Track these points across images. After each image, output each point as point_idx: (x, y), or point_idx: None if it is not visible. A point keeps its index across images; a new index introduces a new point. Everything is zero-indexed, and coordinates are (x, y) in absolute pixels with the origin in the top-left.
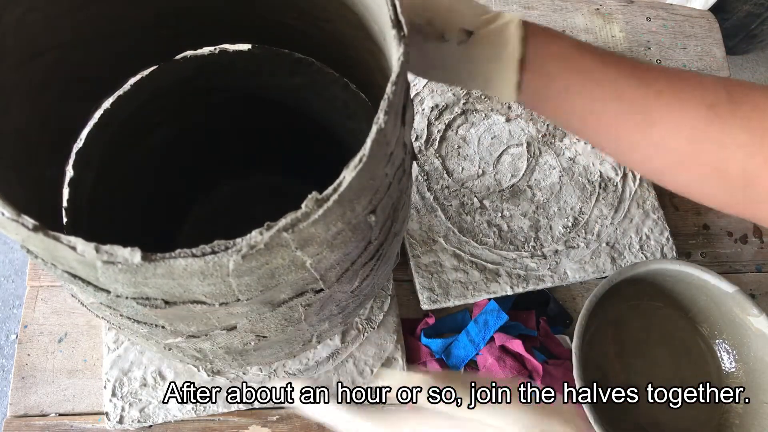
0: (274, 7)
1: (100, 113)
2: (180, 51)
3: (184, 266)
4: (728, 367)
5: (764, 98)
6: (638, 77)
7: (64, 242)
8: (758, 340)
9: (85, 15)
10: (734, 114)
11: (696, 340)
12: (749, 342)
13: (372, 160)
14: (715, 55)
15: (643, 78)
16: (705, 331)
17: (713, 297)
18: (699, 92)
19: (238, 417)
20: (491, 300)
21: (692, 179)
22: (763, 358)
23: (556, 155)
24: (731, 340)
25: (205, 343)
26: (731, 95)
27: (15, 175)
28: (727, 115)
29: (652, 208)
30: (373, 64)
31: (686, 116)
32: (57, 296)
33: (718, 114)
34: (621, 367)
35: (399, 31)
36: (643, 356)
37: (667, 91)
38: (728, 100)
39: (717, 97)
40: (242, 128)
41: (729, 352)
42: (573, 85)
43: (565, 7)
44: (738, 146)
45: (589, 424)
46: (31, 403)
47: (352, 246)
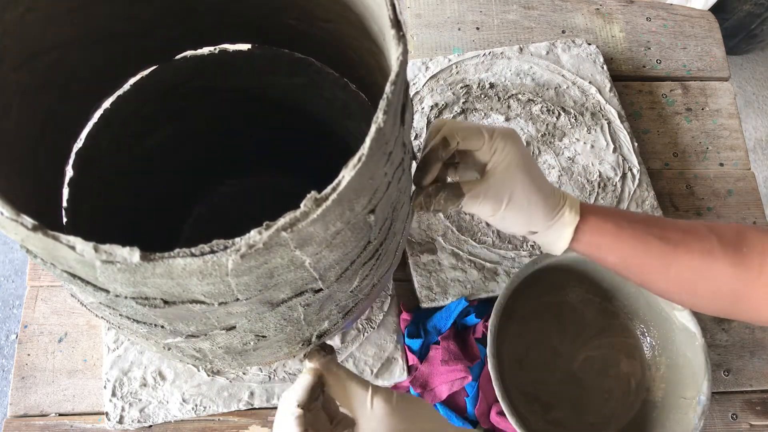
0: (275, 7)
1: (100, 113)
2: (180, 51)
3: (183, 266)
4: (651, 360)
5: (740, 239)
6: (660, 236)
7: (63, 242)
8: (681, 334)
9: (85, 15)
10: (725, 255)
11: (625, 332)
12: (673, 336)
13: (371, 160)
14: (715, 55)
15: (664, 237)
16: (635, 324)
17: (642, 289)
18: (699, 242)
19: (238, 417)
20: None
21: (698, 300)
22: (685, 353)
23: (556, 155)
24: (657, 334)
25: (204, 343)
26: (721, 241)
27: (15, 175)
28: (720, 256)
29: (651, 208)
30: (372, 64)
31: (692, 260)
32: (57, 296)
33: (714, 257)
34: (542, 353)
35: (398, 31)
36: (570, 344)
37: (680, 244)
38: (719, 245)
39: (711, 244)
40: (242, 128)
41: (653, 346)
42: (612, 251)
43: (565, 7)
44: (727, 277)
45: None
46: (31, 403)
47: (351, 245)
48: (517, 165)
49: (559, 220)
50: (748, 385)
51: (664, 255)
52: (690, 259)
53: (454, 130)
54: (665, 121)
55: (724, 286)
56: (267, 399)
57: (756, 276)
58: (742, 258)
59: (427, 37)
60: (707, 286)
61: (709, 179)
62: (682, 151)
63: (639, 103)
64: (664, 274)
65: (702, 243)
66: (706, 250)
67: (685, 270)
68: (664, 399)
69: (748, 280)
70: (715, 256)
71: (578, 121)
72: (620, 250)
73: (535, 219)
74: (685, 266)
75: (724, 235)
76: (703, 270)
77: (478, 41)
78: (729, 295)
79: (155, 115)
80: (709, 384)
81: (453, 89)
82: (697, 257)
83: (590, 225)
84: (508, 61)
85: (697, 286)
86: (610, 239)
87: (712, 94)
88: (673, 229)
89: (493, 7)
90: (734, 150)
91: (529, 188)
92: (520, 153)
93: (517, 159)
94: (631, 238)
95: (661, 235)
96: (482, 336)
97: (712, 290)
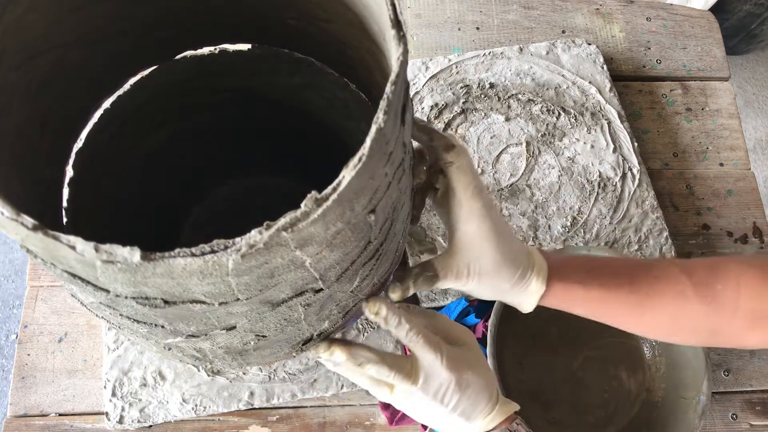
0: (274, 7)
1: (100, 113)
2: (180, 51)
3: (183, 266)
4: (651, 360)
5: (713, 275)
6: (631, 289)
7: (64, 241)
8: None
9: (85, 15)
10: (697, 295)
11: (624, 332)
12: None
13: (371, 160)
14: (715, 55)
15: (634, 288)
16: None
17: None
18: (671, 286)
19: (238, 417)
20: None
21: (677, 339)
22: (685, 353)
23: (556, 155)
24: None
25: (204, 343)
26: (693, 281)
27: (15, 175)
28: (693, 297)
29: (651, 208)
30: (372, 64)
31: (665, 306)
32: (57, 296)
33: (687, 299)
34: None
35: (399, 31)
36: (570, 344)
37: (651, 291)
38: (691, 286)
39: (683, 286)
40: (242, 128)
41: (653, 346)
42: (582, 308)
43: (565, 7)
44: (703, 317)
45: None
46: (31, 403)
47: (351, 246)
48: (485, 237)
49: (525, 290)
50: (748, 385)
51: (637, 305)
52: (663, 305)
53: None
54: (665, 121)
55: (700, 325)
56: (267, 399)
57: (732, 312)
58: (715, 296)
59: (427, 37)
60: (683, 327)
61: (709, 179)
62: (682, 151)
63: (639, 103)
64: (639, 322)
65: (674, 287)
66: (679, 293)
67: (659, 315)
68: (664, 399)
69: (723, 315)
70: (687, 297)
71: (578, 121)
72: (591, 308)
73: (503, 289)
74: (659, 312)
75: (695, 273)
76: (677, 313)
77: (478, 41)
78: (707, 330)
79: (155, 115)
80: (709, 384)
81: (453, 89)
82: (671, 302)
83: (556, 292)
84: (508, 61)
85: (674, 327)
86: (579, 301)
87: (712, 94)
88: (643, 275)
89: (493, 7)
90: (734, 150)
91: (497, 261)
92: (482, 203)
93: (483, 223)
94: (600, 296)
95: (631, 287)
96: (482, 336)
97: (688, 330)
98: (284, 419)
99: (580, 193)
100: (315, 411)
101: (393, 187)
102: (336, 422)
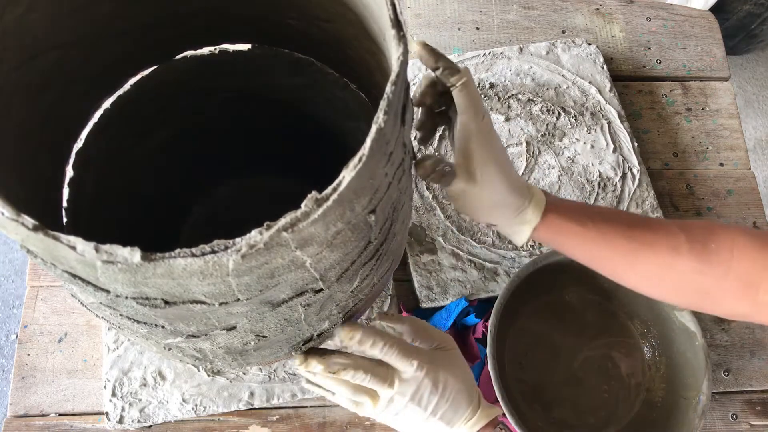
0: (274, 7)
1: (100, 113)
2: (180, 51)
3: (183, 266)
4: (651, 360)
5: (709, 235)
6: (626, 235)
7: (64, 242)
8: (681, 334)
9: (85, 15)
10: (690, 251)
11: (625, 332)
12: (673, 336)
13: (371, 160)
14: (715, 55)
15: (629, 234)
16: (635, 324)
17: None
18: (666, 239)
19: (238, 417)
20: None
21: (664, 293)
22: (685, 353)
23: (556, 155)
24: (657, 334)
25: (204, 343)
26: (688, 237)
27: (15, 175)
28: (686, 253)
29: (651, 208)
30: (373, 64)
31: (657, 257)
32: (57, 296)
33: (679, 253)
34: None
35: (399, 31)
36: (570, 344)
37: (646, 241)
38: (686, 241)
39: (678, 240)
40: (242, 128)
41: (653, 346)
42: (576, 247)
43: (565, 7)
44: (692, 273)
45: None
46: (31, 403)
47: (351, 246)
48: (489, 156)
49: (519, 216)
50: (748, 385)
51: (630, 252)
52: (655, 255)
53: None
54: (665, 121)
55: (689, 281)
56: (267, 399)
57: (723, 273)
58: (708, 254)
59: (427, 37)
60: (673, 281)
61: (709, 179)
62: (682, 151)
63: (639, 103)
64: (631, 270)
65: (668, 240)
66: (672, 247)
67: (651, 266)
68: (664, 399)
69: (714, 275)
70: (680, 252)
71: (578, 121)
72: (585, 248)
73: (498, 207)
74: (651, 262)
75: (692, 231)
76: (668, 266)
77: (478, 41)
78: (695, 289)
79: (155, 115)
80: (709, 384)
81: None
82: (663, 253)
83: (551, 224)
84: (508, 61)
85: (663, 280)
86: (573, 237)
87: (712, 94)
88: (641, 226)
89: (493, 7)
90: (734, 150)
91: (498, 168)
92: (486, 121)
93: (488, 142)
94: (595, 237)
95: (628, 233)
96: (482, 336)
97: (677, 285)
98: (284, 419)
99: (580, 193)
100: (315, 411)
101: (393, 187)
102: (336, 422)
